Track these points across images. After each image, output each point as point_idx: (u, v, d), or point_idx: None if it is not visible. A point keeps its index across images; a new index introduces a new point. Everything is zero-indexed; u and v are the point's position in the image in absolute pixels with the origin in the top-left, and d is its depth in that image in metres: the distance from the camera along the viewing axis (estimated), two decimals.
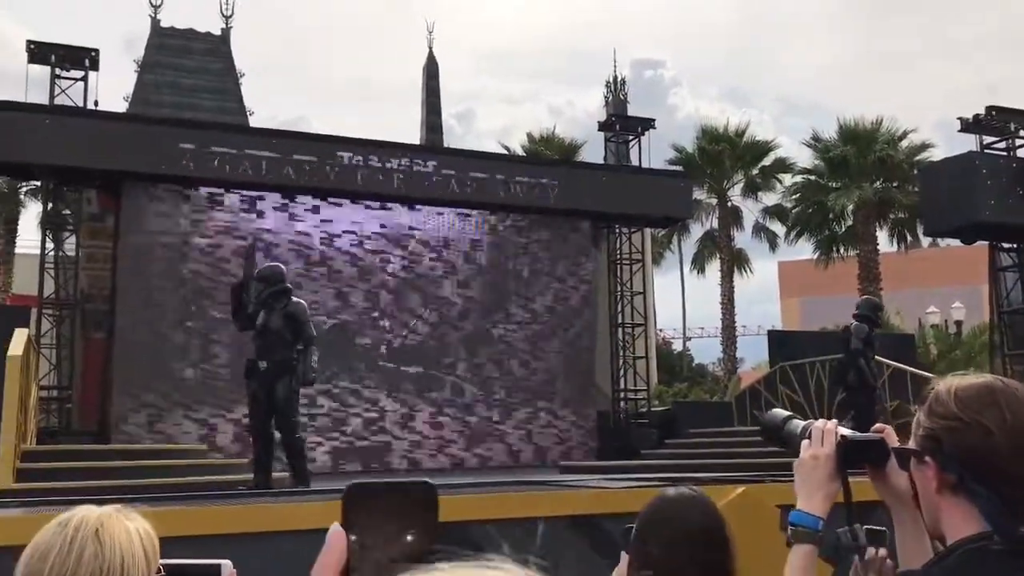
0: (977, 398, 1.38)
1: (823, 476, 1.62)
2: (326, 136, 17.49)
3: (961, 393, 1.40)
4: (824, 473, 1.62)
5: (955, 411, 1.39)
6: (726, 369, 30.12)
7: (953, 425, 1.38)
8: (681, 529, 2.06)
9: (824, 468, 1.62)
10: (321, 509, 5.56)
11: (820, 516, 1.60)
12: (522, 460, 17.52)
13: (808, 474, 1.63)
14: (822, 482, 1.61)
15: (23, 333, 9.40)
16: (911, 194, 25.08)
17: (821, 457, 1.62)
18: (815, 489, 1.62)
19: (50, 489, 7.66)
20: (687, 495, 2.16)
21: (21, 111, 15.07)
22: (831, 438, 1.63)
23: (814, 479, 1.62)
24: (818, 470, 1.62)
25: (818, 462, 1.62)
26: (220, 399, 15.56)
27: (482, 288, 17.94)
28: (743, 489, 5.51)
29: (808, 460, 1.64)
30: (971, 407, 1.38)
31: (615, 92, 23.95)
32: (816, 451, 1.63)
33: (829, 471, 1.62)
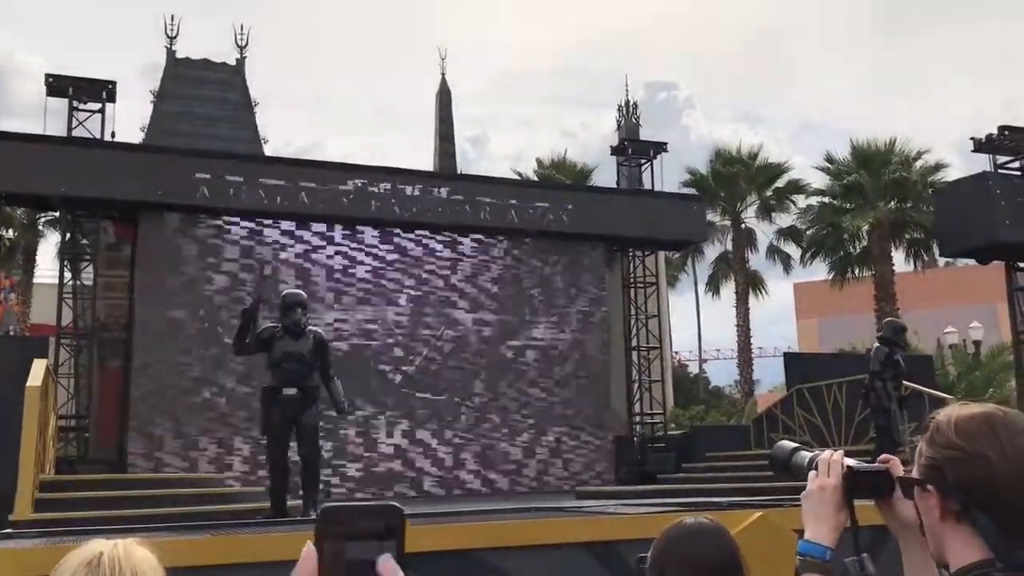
0: (977, 428, 1.40)
1: (830, 506, 1.63)
2: (340, 164, 17.63)
3: (961, 424, 1.42)
4: (831, 504, 1.63)
5: (956, 441, 1.41)
6: (743, 391, 29.98)
7: (954, 455, 1.40)
8: (698, 559, 2.07)
9: (831, 499, 1.63)
10: None
11: (828, 546, 1.61)
12: (538, 485, 17.46)
13: (815, 505, 1.64)
14: (829, 513, 1.63)
15: (42, 363, 9.45)
16: (926, 214, 25.00)
17: (828, 488, 1.64)
18: (823, 519, 1.63)
19: (68, 519, 7.68)
20: (704, 524, 2.17)
21: (40, 143, 15.29)
22: (837, 468, 1.65)
23: (821, 510, 1.64)
24: (825, 501, 1.64)
25: (825, 493, 1.64)
26: (235, 428, 15.59)
27: (497, 313, 17.96)
28: (761, 514, 5.47)
29: (815, 491, 1.65)
30: (971, 437, 1.40)
31: (627, 116, 24.02)
32: (823, 482, 1.65)
33: (836, 501, 1.63)
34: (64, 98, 16.39)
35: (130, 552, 1.47)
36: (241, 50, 20.53)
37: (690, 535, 2.14)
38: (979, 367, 25.01)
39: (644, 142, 21.51)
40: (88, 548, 1.47)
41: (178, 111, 19.45)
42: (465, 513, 8.99)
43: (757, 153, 28.96)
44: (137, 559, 1.46)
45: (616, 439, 18.52)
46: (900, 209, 26.36)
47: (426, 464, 16.97)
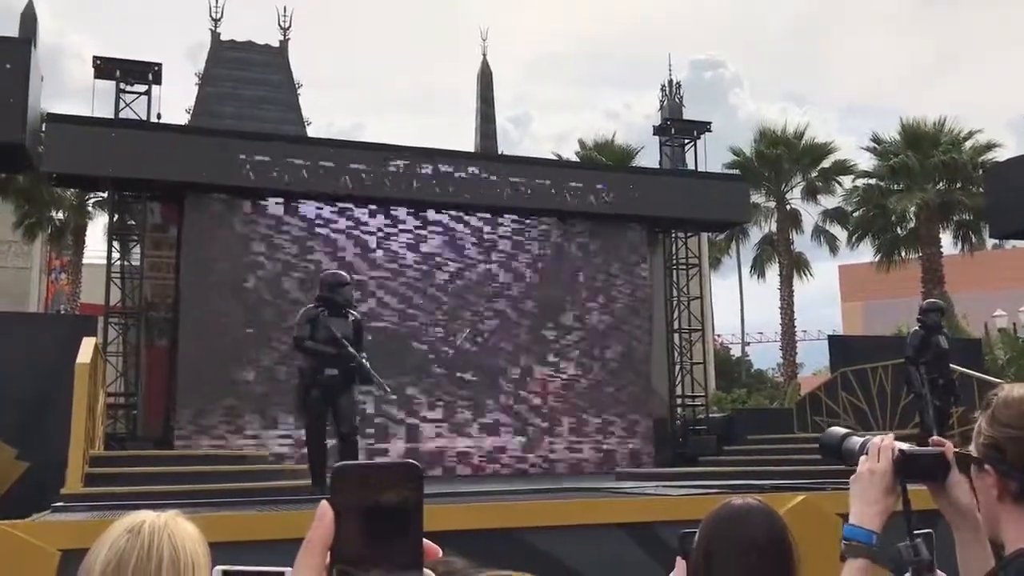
0: None
1: (879, 490, 1.60)
2: (382, 145, 17.67)
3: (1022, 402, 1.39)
4: (880, 488, 1.60)
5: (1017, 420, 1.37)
6: (786, 375, 29.69)
7: (1014, 435, 1.37)
8: (746, 540, 2.04)
9: (880, 482, 1.61)
10: None
11: (874, 530, 1.59)
12: (579, 467, 17.48)
13: (864, 489, 1.62)
14: (877, 497, 1.60)
15: (91, 341, 9.63)
16: (976, 195, 24.50)
17: (877, 472, 1.61)
18: (870, 503, 1.61)
19: (117, 494, 7.85)
20: (753, 505, 2.14)
21: (88, 124, 15.53)
22: (887, 453, 1.62)
23: (869, 493, 1.61)
24: (874, 484, 1.61)
25: (874, 476, 1.61)
26: (281, 406, 15.77)
27: (538, 294, 17.95)
28: (804, 497, 5.44)
29: (865, 474, 1.63)
30: None
31: (670, 96, 23.80)
32: (872, 465, 1.63)
33: (885, 486, 1.60)
34: (111, 80, 16.62)
35: (172, 523, 1.50)
36: (284, 32, 20.66)
37: (738, 516, 2.11)
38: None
39: (688, 122, 21.31)
40: (133, 517, 1.51)
41: (223, 93, 19.63)
42: (504, 493, 9.03)
43: (803, 133, 28.51)
44: (178, 530, 1.49)
45: (657, 421, 18.47)
46: (949, 190, 25.88)
47: (465, 445, 17.05)
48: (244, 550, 4.23)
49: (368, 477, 0.85)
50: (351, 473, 0.86)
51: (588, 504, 6.19)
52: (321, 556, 0.83)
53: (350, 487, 0.85)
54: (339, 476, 0.85)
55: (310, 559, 0.83)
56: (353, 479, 0.85)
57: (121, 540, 1.46)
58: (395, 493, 0.84)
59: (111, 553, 1.45)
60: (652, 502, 6.01)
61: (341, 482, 0.85)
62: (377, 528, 0.83)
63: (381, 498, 0.84)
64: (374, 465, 0.86)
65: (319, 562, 0.83)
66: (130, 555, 1.43)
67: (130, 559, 1.43)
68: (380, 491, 0.84)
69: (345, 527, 0.83)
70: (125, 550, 1.44)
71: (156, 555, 1.43)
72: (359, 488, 0.84)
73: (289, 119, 19.92)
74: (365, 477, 0.85)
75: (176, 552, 1.45)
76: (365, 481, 0.85)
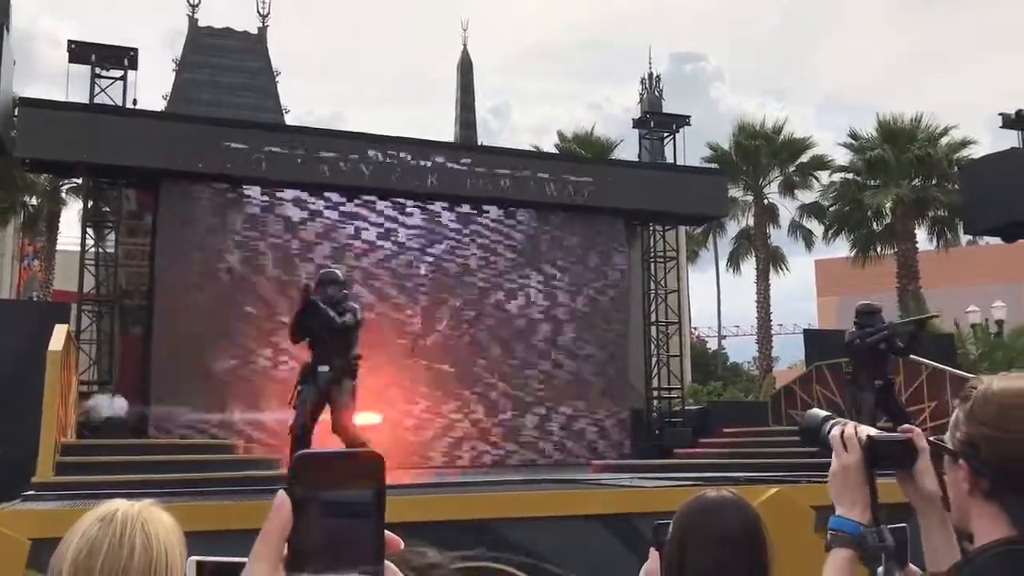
0: (1018, 407, 1.37)
1: (855, 484, 1.60)
2: (361, 134, 17.58)
3: (1005, 401, 1.38)
4: (857, 481, 1.60)
5: (994, 419, 1.38)
6: (761, 368, 29.90)
7: (991, 434, 1.37)
8: (720, 532, 2.04)
9: (855, 475, 1.61)
10: None
11: (861, 522, 1.59)
12: (555, 459, 17.51)
13: (840, 486, 1.62)
14: (855, 491, 1.60)
15: (63, 329, 9.54)
16: (951, 192, 24.73)
17: (850, 466, 1.61)
18: (853, 499, 1.61)
19: (88, 483, 7.78)
20: (727, 498, 2.14)
21: (63, 109, 15.33)
22: (854, 444, 1.62)
23: (847, 490, 1.61)
24: (849, 480, 1.61)
25: (848, 471, 1.61)
26: (255, 396, 15.71)
27: (516, 286, 17.94)
28: (777, 489, 5.48)
29: (839, 471, 1.63)
30: (1010, 416, 1.36)
31: (650, 89, 23.86)
32: (844, 460, 1.63)
33: (861, 478, 1.60)
34: (86, 65, 16.41)
35: (146, 512, 1.48)
36: (263, 19, 20.51)
37: (712, 508, 2.11)
38: (1001, 347, 24.82)
39: (667, 115, 21.34)
40: (106, 506, 1.50)
41: (200, 80, 19.46)
42: (481, 484, 9.04)
43: (781, 128, 28.67)
44: (152, 519, 1.47)
45: (633, 413, 18.53)
46: (924, 186, 26.11)
47: (443, 435, 17.04)
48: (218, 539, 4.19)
49: (329, 466, 0.82)
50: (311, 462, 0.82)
51: (564, 496, 6.20)
52: (278, 547, 0.80)
53: (309, 476, 0.81)
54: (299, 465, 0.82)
55: (266, 550, 0.80)
56: (313, 468, 0.82)
57: (93, 529, 1.45)
58: (356, 483, 0.81)
59: (83, 542, 1.43)
60: (627, 494, 6.03)
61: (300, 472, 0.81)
62: (337, 519, 0.80)
63: (341, 488, 0.80)
64: (335, 454, 0.83)
65: (276, 553, 0.80)
66: (101, 543, 1.42)
67: (101, 547, 1.42)
68: (341, 481, 0.81)
69: (303, 518, 0.80)
70: (97, 539, 1.43)
71: (128, 544, 1.42)
72: (319, 477, 0.81)
73: (267, 107, 19.78)
74: (325, 466, 0.82)
75: (148, 541, 1.44)
76: (325, 470, 0.81)
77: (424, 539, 1.74)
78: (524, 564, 4.76)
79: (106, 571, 1.40)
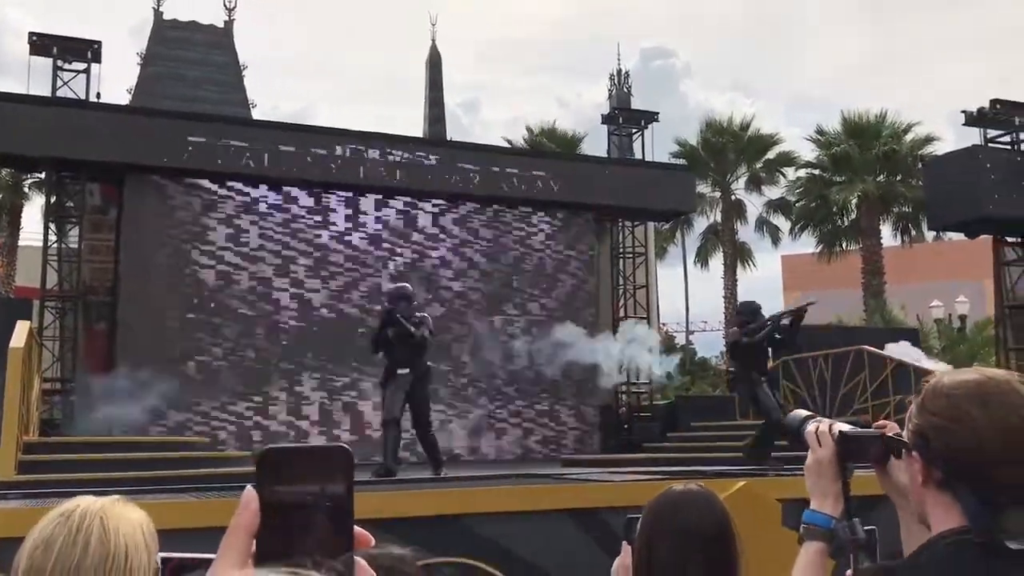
0: (966, 399, 1.39)
1: (829, 478, 1.64)
2: (328, 129, 17.48)
3: (952, 392, 1.41)
4: (830, 475, 1.64)
5: (943, 410, 1.40)
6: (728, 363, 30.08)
7: (940, 424, 1.40)
8: (687, 526, 2.04)
9: (829, 470, 1.64)
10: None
11: (833, 516, 1.62)
12: (524, 454, 17.53)
13: (815, 480, 1.66)
14: (829, 484, 1.64)
15: (25, 325, 9.40)
16: (915, 188, 25.05)
17: (824, 460, 1.65)
18: (825, 492, 1.64)
19: (52, 481, 7.68)
20: (693, 491, 2.14)
21: (24, 103, 15.08)
22: (827, 439, 1.65)
23: (821, 483, 1.65)
24: (823, 474, 1.65)
25: (822, 466, 1.65)
26: (221, 393, 15.59)
27: (484, 282, 17.92)
28: (744, 483, 5.51)
29: (813, 465, 1.67)
30: (959, 408, 1.39)
31: (619, 85, 23.92)
32: (818, 455, 1.66)
33: (834, 472, 1.64)
34: (48, 57, 16.16)
35: (109, 508, 1.47)
36: (229, 12, 20.32)
37: (678, 503, 2.11)
38: (963, 341, 25.20)
39: (635, 111, 21.42)
40: (70, 502, 1.49)
41: (165, 73, 19.25)
42: (451, 479, 9.03)
43: (748, 124, 28.90)
44: (114, 515, 1.45)
45: (602, 408, 18.58)
46: (889, 182, 26.41)
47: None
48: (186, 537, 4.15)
49: (295, 462, 0.80)
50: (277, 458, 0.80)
51: (533, 490, 6.20)
52: (246, 544, 0.79)
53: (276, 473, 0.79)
54: (265, 461, 0.80)
55: (234, 545, 0.79)
56: (280, 464, 0.80)
57: (52, 522, 1.44)
58: (325, 478, 0.79)
59: (39, 538, 1.42)
60: (597, 488, 6.05)
61: (267, 468, 0.80)
62: (305, 514, 0.78)
63: (310, 483, 0.79)
64: (302, 449, 0.81)
65: (244, 550, 0.79)
66: (56, 538, 1.40)
67: (56, 542, 1.40)
68: (309, 476, 0.79)
69: (271, 513, 0.79)
70: (53, 535, 1.41)
71: (83, 539, 1.40)
72: (286, 474, 0.79)
73: (233, 100, 19.60)
74: (292, 462, 0.80)
75: (105, 536, 1.41)
76: (292, 467, 0.80)
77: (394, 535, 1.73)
78: (493, 559, 4.75)
79: (59, 567, 1.38)
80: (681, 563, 2.00)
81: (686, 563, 2.00)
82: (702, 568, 2.01)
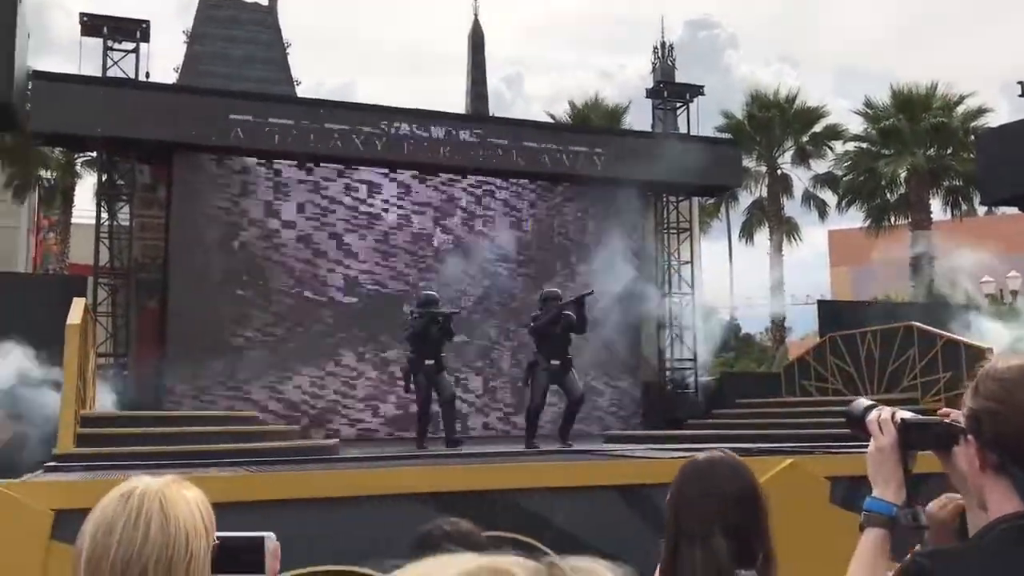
0: (1016, 383, 1.39)
1: (890, 466, 1.64)
2: (373, 106, 17.55)
3: (1003, 376, 1.41)
4: (891, 463, 1.64)
5: (994, 394, 1.40)
6: (774, 339, 29.84)
7: (994, 408, 1.40)
8: (711, 489, 2.08)
9: (890, 458, 1.64)
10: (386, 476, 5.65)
11: (895, 503, 1.62)
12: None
13: (877, 467, 1.66)
14: (891, 472, 1.64)
15: (80, 302, 9.62)
16: (966, 161, 24.51)
17: (885, 448, 1.65)
18: (887, 480, 1.64)
19: (108, 454, 7.87)
20: (718, 458, 2.18)
21: (75, 83, 15.34)
22: (889, 427, 1.65)
23: (883, 470, 1.65)
24: (884, 461, 1.65)
25: (883, 454, 1.65)
26: (270, 367, 15.82)
27: (529, 258, 17.94)
28: (791, 461, 5.49)
29: (874, 453, 1.67)
30: (1009, 392, 1.38)
31: (663, 58, 23.65)
32: (879, 442, 1.66)
33: (895, 460, 1.63)
34: (99, 38, 16.39)
35: (167, 490, 1.49)
36: None
37: (703, 468, 2.16)
38: (1015, 317, 24.69)
39: (680, 84, 21.20)
40: (129, 482, 1.50)
41: (211, 52, 19.43)
42: (496, 454, 9.10)
43: (794, 97, 28.39)
44: (172, 496, 1.47)
45: (646, 385, 18.55)
46: (939, 155, 25.88)
47: (458, 408, 17.08)
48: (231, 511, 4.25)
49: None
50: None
51: (579, 466, 6.24)
52: None
53: None
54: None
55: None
56: None
57: (112, 505, 1.46)
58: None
59: (102, 519, 1.45)
60: (642, 464, 6.07)
61: None
62: None
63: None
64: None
65: None
66: (117, 521, 1.43)
67: (117, 525, 1.43)
68: None
69: None
70: (114, 516, 1.44)
71: (144, 522, 1.43)
72: None
73: (278, 78, 19.75)
74: None
75: (166, 521, 1.44)
76: None
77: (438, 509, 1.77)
78: (539, 534, 4.80)
79: (121, 551, 1.41)
80: (706, 525, 2.03)
81: (711, 524, 2.03)
82: (727, 529, 2.03)
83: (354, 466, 6.89)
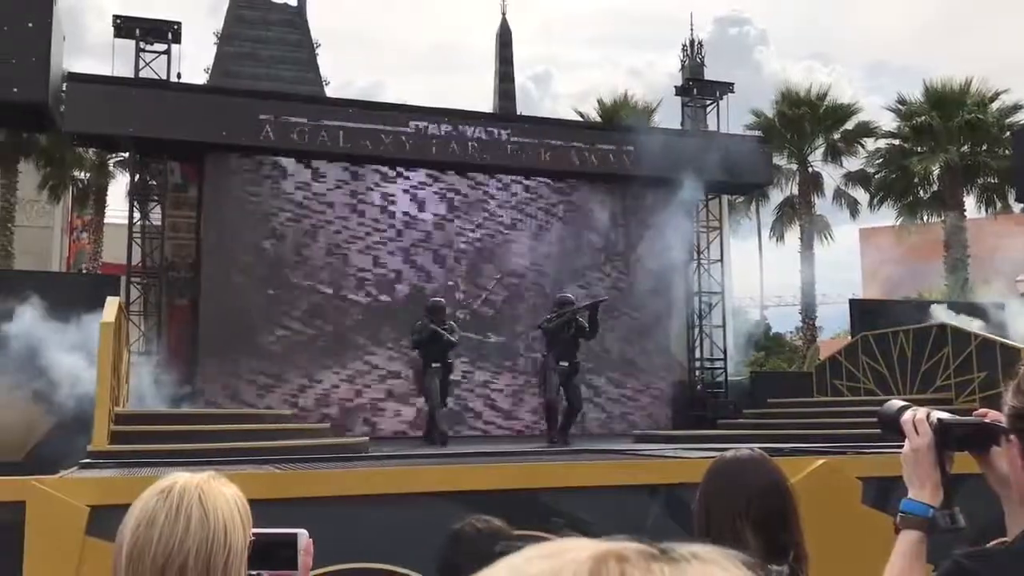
0: None
1: (926, 467, 1.60)
2: (401, 105, 17.62)
3: None
4: (927, 464, 1.61)
5: None
6: (804, 338, 29.59)
7: None
8: (738, 483, 2.09)
9: (926, 459, 1.61)
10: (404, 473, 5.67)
11: (931, 504, 1.59)
12: (596, 429, 17.54)
13: (912, 469, 1.63)
14: (927, 473, 1.61)
15: (115, 301, 9.72)
16: (1001, 158, 24.18)
17: (920, 449, 1.62)
18: (923, 481, 1.62)
19: (143, 451, 7.96)
20: (745, 454, 2.20)
21: (108, 84, 15.54)
22: (924, 427, 1.62)
23: (919, 472, 1.62)
24: (920, 462, 1.61)
25: (919, 454, 1.62)
26: (301, 366, 15.92)
27: (557, 257, 17.92)
28: (823, 461, 5.45)
29: (909, 455, 1.64)
30: None
31: (692, 56, 23.51)
32: (915, 443, 1.63)
33: (932, 461, 1.60)
34: (131, 39, 16.59)
35: (205, 486, 1.51)
36: None
37: (731, 464, 2.17)
38: None
39: (710, 82, 21.07)
40: (168, 478, 1.53)
41: (241, 53, 19.57)
42: (524, 453, 9.10)
43: (825, 94, 28.11)
44: (211, 492, 1.50)
45: (675, 384, 18.48)
46: (973, 152, 25.55)
47: (485, 406, 17.15)
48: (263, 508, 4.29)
49: None
50: None
51: (608, 466, 6.23)
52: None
53: None
54: None
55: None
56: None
57: (152, 501, 1.48)
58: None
59: (142, 514, 1.47)
60: (673, 464, 6.04)
61: None
62: None
63: None
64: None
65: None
66: (158, 515, 1.45)
67: (158, 519, 1.45)
68: None
69: None
70: (155, 510, 1.46)
71: (184, 516, 1.45)
72: None
73: (308, 79, 19.85)
74: None
75: (206, 515, 1.46)
76: None
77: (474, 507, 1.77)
78: (570, 534, 4.80)
79: (162, 544, 1.43)
80: (734, 519, 2.04)
81: (739, 519, 2.04)
82: (755, 524, 2.04)
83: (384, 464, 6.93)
